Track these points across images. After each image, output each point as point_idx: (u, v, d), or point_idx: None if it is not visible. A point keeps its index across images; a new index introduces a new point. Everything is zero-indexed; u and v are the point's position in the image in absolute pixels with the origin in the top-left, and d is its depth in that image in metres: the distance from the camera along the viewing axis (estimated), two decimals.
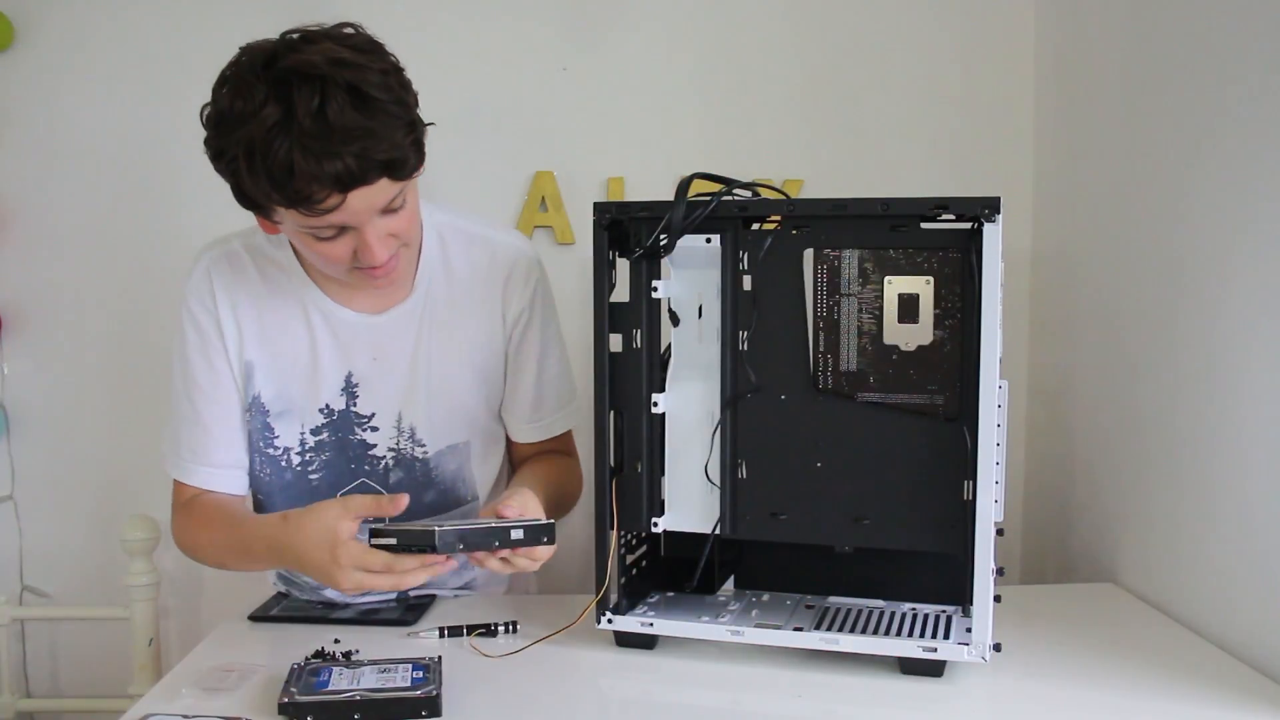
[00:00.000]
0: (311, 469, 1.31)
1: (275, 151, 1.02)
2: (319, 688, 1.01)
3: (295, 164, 1.02)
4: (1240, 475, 1.14)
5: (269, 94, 1.03)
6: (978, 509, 1.04)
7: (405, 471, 1.32)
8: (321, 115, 1.02)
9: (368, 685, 1.01)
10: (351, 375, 1.29)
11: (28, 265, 1.76)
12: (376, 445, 1.31)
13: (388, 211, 1.13)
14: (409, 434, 1.31)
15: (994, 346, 1.02)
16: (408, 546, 1.06)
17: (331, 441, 1.30)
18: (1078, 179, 1.58)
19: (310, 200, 1.05)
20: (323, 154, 1.03)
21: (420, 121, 1.13)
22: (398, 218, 1.15)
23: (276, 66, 1.04)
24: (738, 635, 1.12)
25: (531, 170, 1.74)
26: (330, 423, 1.30)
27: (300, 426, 1.29)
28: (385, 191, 1.10)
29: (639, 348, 1.16)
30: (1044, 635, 1.19)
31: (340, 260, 1.15)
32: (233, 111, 1.05)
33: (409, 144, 1.09)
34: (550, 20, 1.73)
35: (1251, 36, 1.12)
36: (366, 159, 1.05)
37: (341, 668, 1.05)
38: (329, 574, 1.09)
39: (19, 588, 1.80)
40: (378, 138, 1.05)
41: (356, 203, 1.07)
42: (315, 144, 1.02)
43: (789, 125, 1.74)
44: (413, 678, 1.03)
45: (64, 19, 1.73)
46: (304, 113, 1.02)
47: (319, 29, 1.10)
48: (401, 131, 1.08)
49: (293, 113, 1.02)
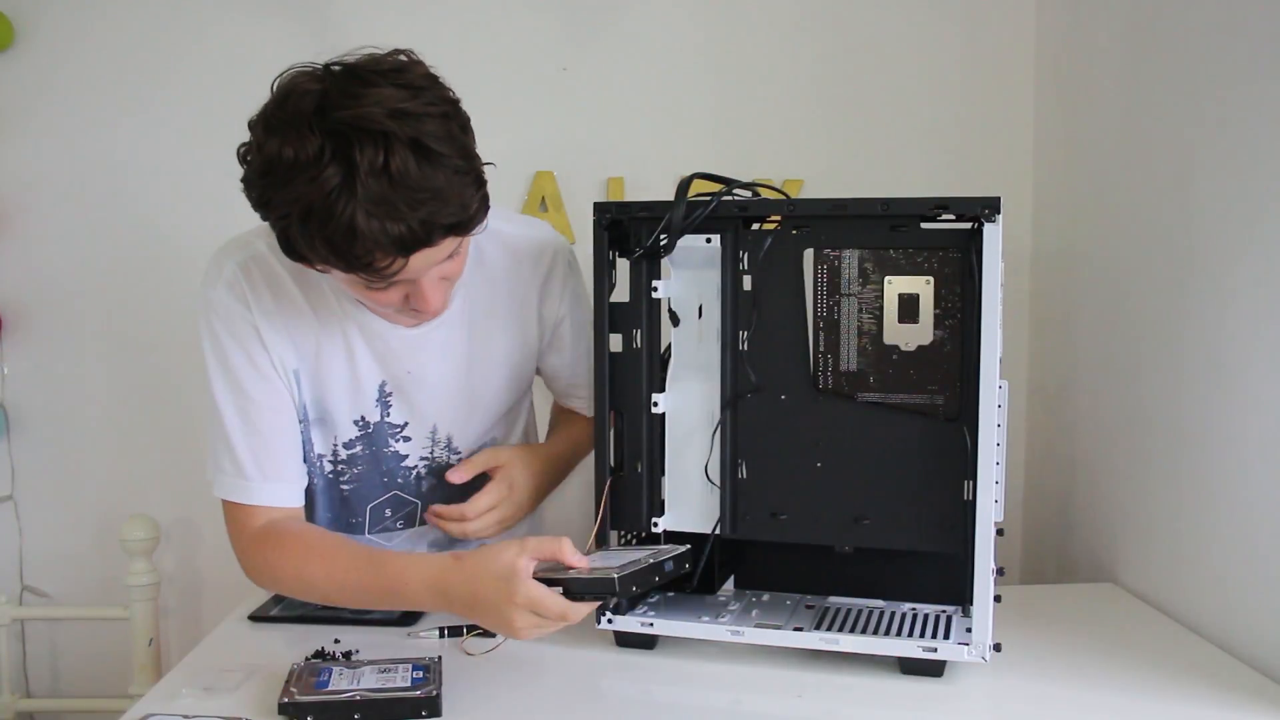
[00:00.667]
0: (344, 480, 1.27)
1: (338, 215, 0.95)
2: (319, 688, 1.01)
3: (359, 229, 0.95)
4: (1240, 475, 1.14)
5: (326, 150, 0.95)
6: (978, 509, 1.04)
7: (436, 478, 1.29)
8: (385, 175, 0.95)
9: (368, 685, 1.01)
10: (385, 385, 1.23)
11: (28, 265, 1.76)
12: (409, 456, 1.27)
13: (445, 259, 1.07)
14: (445, 444, 1.28)
15: (994, 346, 1.02)
16: (583, 594, 1.01)
17: (365, 455, 1.26)
18: (1078, 179, 1.58)
19: (371, 267, 0.99)
20: (387, 218, 0.96)
21: (483, 172, 1.05)
22: (453, 261, 1.08)
23: (331, 116, 0.96)
24: (738, 635, 1.12)
25: (531, 170, 1.74)
26: (364, 435, 1.25)
27: (334, 437, 1.25)
28: (447, 248, 1.04)
29: (639, 348, 1.16)
30: (1044, 635, 1.19)
31: (392, 304, 1.10)
32: (283, 162, 0.96)
33: (477, 200, 1.03)
34: (550, 20, 1.73)
35: (1252, 36, 1.12)
36: (432, 223, 0.98)
37: (341, 668, 1.05)
38: (503, 614, 1.01)
39: (19, 588, 1.80)
40: (444, 199, 0.98)
41: (418, 262, 1.01)
42: (379, 208, 0.95)
43: (789, 125, 1.74)
44: (413, 678, 1.03)
45: (64, 19, 1.73)
46: (367, 173, 0.95)
47: (368, 61, 1.01)
48: (471, 189, 1.02)
49: (355, 173, 0.95)
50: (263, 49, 1.71)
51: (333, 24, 1.70)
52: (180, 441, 1.76)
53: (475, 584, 1.03)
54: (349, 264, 1.00)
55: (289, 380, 1.20)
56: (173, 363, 1.76)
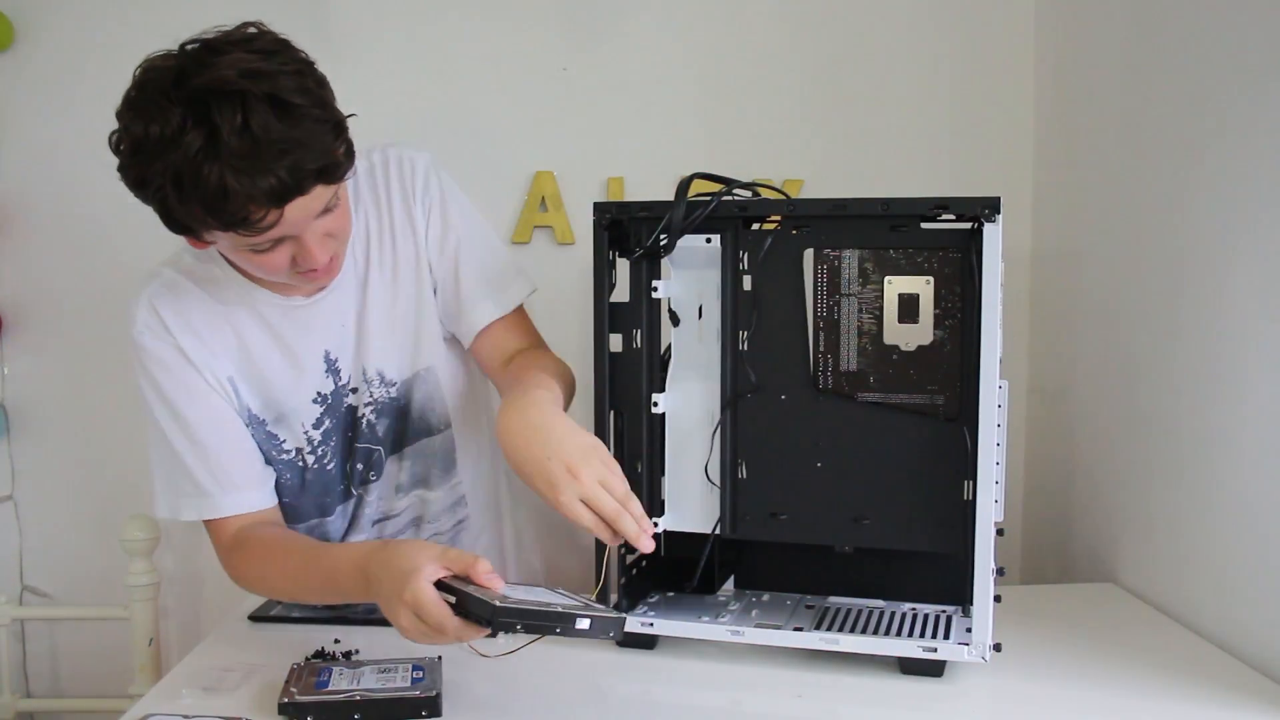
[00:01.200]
0: (326, 460, 1.30)
1: (206, 177, 0.99)
2: (319, 688, 1.01)
3: (228, 186, 0.99)
4: (1241, 475, 1.14)
5: (187, 116, 0.99)
6: (978, 509, 1.04)
7: (389, 418, 1.30)
8: (247, 132, 0.99)
9: (368, 685, 1.01)
10: (329, 353, 1.26)
11: (28, 265, 1.76)
12: (358, 406, 1.29)
13: (323, 213, 1.10)
14: (379, 379, 1.28)
15: (994, 346, 1.02)
16: (465, 612, 0.97)
17: (334, 426, 1.29)
18: (1078, 179, 1.58)
19: (248, 221, 1.02)
20: (255, 172, 1.00)
21: (343, 120, 1.09)
22: (331, 217, 1.12)
23: (188, 85, 1.00)
24: (738, 635, 1.12)
25: (531, 170, 1.74)
26: (328, 408, 1.28)
27: (300, 426, 1.28)
28: (320, 197, 1.07)
29: (639, 348, 1.16)
30: (1044, 635, 1.19)
31: (281, 268, 1.13)
32: (150, 139, 1.01)
33: (340, 147, 1.07)
34: (550, 20, 1.73)
35: (1251, 36, 1.12)
36: (300, 170, 1.02)
37: (341, 668, 1.05)
38: (392, 608, 1.01)
39: (19, 588, 1.80)
40: (308, 147, 1.03)
41: (294, 213, 1.05)
42: (245, 163, 0.99)
43: (789, 125, 1.74)
44: (413, 678, 1.03)
45: (64, 19, 1.73)
46: (229, 132, 0.99)
47: (219, 36, 1.06)
48: (331, 135, 1.06)
49: (217, 134, 0.99)
50: None
51: (333, 25, 1.70)
52: None
53: (383, 571, 1.04)
54: (226, 222, 1.03)
55: (227, 392, 1.23)
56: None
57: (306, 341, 1.25)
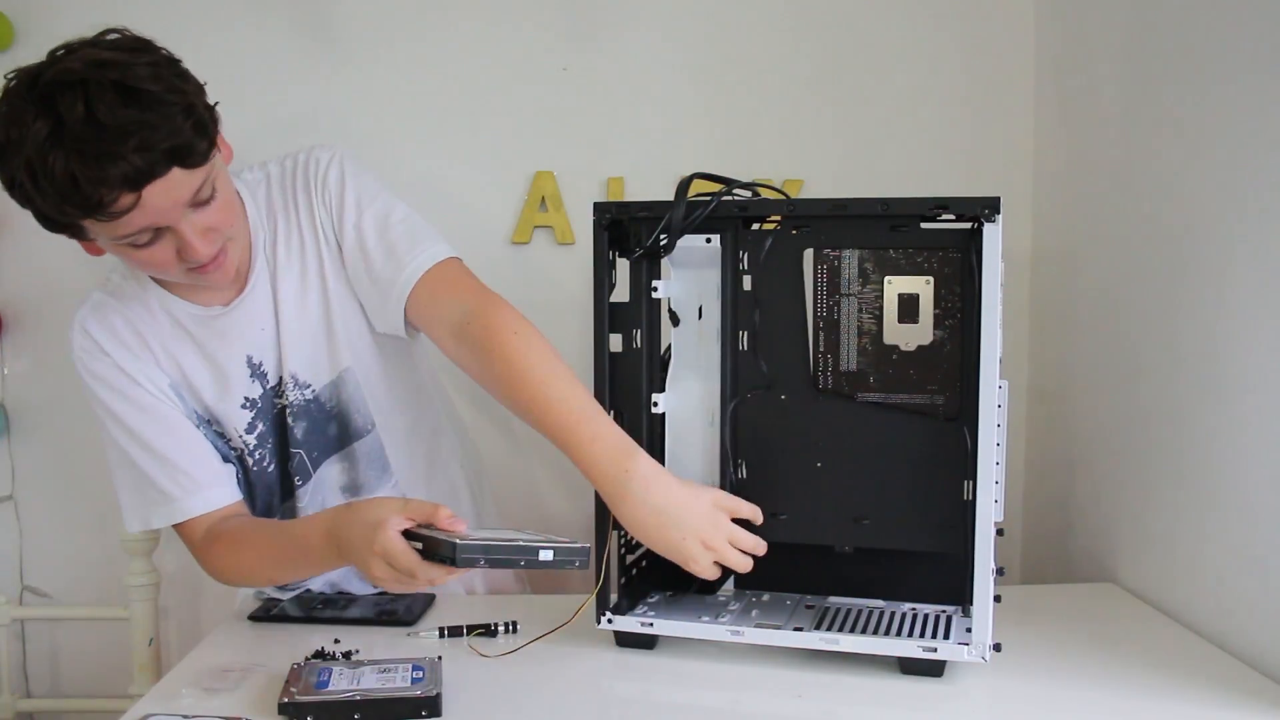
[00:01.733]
0: (265, 463, 1.31)
1: (53, 165, 1.00)
2: (319, 688, 1.01)
3: (75, 172, 1.00)
4: (1240, 475, 1.14)
5: (36, 111, 1.01)
6: (978, 509, 1.04)
7: (306, 420, 1.30)
8: (91, 118, 1.00)
9: (368, 685, 1.01)
10: (251, 357, 1.27)
11: (28, 265, 1.75)
12: (281, 409, 1.30)
13: (198, 205, 1.11)
14: (293, 381, 1.28)
15: (994, 346, 1.02)
16: (430, 555, 1.02)
17: (267, 429, 1.30)
18: (1078, 179, 1.58)
19: (103, 206, 1.03)
20: (101, 156, 1.01)
21: (203, 106, 1.10)
22: (210, 210, 1.12)
23: (40, 83, 1.02)
24: (738, 635, 1.12)
25: (531, 170, 1.74)
26: (258, 412, 1.29)
27: (235, 430, 1.29)
28: (183, 184, 1.07)
29: (639, 348, 1.16)
30: (1044, 635, 1.19)
31: (167, 264, 1.14)
32: (9, 139, 1.03)
33: (190, 128, 1.06)
34: (550, 20, 1.73)
35: (1252, 36, 1.12)
36: (150, 151, 1.02)
37: (342, 667, 1.05)
38: (364, 559, 1.06)
39: (19, 588, 1.80)
40: (155, 128, 1.03)
41: (156, 200, 1.05)
42: (91, 147, 1.00)
43: (789, 125, 1.74)
44: (413, 677, 1.03)
45: (64, 19, 1.72)
46: (73, 119, 1.00)
47: (82, 40, 1.08)
48: (180, 117, 1.05)
49: (61, 122, 1.00)
50: (263, 50, 1.71)
51: (334, 26, 1.70)
52: None
53: (352, 529, 1.08)
54: (83, 209, 1.04)
55: (170, 399, 1.26)
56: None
57: (227, 349, 1.27)
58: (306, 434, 1.30)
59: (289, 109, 1.73)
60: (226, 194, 1.16)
